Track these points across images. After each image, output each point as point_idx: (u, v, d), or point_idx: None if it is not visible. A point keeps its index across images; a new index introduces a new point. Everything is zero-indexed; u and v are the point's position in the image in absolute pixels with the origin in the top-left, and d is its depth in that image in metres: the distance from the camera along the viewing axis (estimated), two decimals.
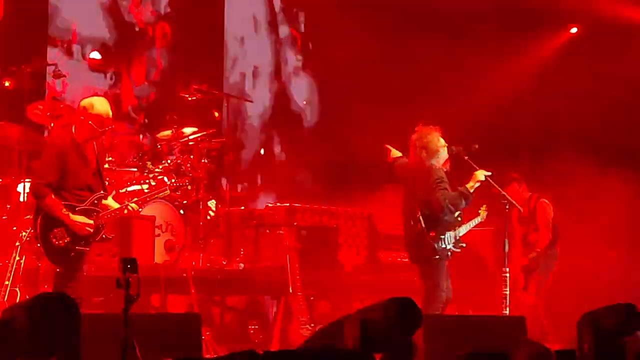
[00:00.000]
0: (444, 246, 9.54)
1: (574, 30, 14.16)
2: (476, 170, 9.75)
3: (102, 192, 8.58)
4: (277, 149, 15.26)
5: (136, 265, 6.03)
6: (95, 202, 8.49)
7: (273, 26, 15.28)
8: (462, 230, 9.70)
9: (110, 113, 8.54)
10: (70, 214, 8.34)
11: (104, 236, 8.56)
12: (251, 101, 14.31)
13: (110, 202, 8.74)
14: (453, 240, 9.59)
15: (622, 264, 12.12)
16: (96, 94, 10.84)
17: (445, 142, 9.76)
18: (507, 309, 9.74)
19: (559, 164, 12.57)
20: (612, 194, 12.37)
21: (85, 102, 8.59)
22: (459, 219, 9.73)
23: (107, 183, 8.96)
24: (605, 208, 12.35)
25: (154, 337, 6.75)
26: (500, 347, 6.65)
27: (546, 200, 11.59)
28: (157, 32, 14.18)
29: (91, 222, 8.39)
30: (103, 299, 10.13)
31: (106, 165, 10.68)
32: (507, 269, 9.83)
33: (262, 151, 15.07)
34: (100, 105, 8.50)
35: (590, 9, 13.40)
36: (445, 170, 9.71)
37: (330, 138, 14.01)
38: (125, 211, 8.74)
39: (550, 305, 11.44)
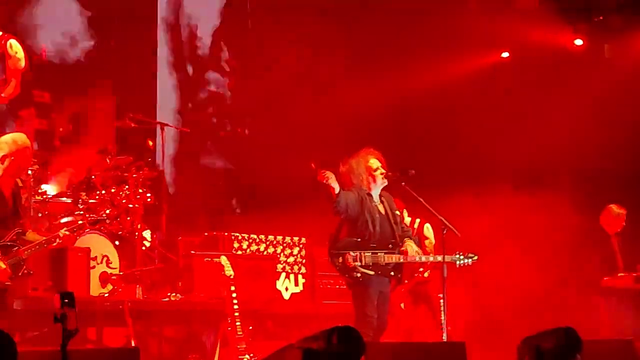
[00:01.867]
0: (355, 265, 9.49)
1: (505, 54, 14.31)
2: (417, 198, 9.80)
3: (19, 229, 8.43)
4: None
5: (74, 299, 5.91)
6: (15, 237, 8.34)
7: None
8: (393, 258, 9.65)
9: (31, 149, 8.52)
10: None
11: (25, 271, 8.39)
12: (187, 130, 14.20)
13: (30, 236, 8.57)
14: (369, 262, 9.54)
15: (556, 286, 12.21)
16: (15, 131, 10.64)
17: (383, 167, 9.76)
18: (445, 335, 9.74)
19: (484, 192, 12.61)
20: (537, 216, 12.51)
21: (5, 138, 8.48)
22: (390, 246, 9.70)
23: (37, 213, 8.80)
24: (536, 231, 12.49)
25: None
26: None
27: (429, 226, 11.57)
28: None
29: (3, 266, 8.21)
30: (38, 333, 9.93)
31: (38, 198, 10.53)
32: (443, 295, 9.83)
33: None
34: (22, 142, 8.43)
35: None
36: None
37: (265, 166, 13.93)
38: (58, 240, 8.57)
39: (488, 329, 11.48)
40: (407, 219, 10.89)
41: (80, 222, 8.97)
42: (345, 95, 13.37)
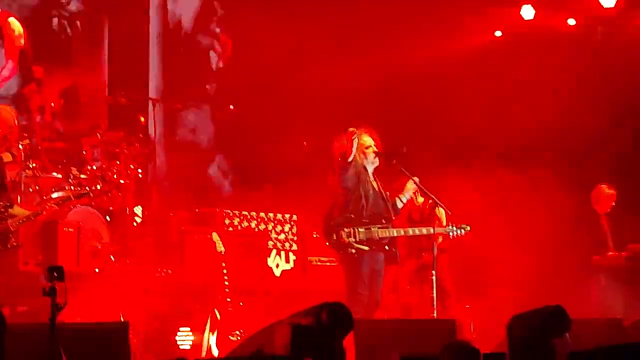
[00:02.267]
0: (350, 241, 9.51)
1: (498, 33, 14.27)
2: (406, 177, 9.80)
3: (6, 202, 8.45)
4: None
5: (63, 273, 5.93)
6: (2, 210, 8.37)
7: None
8: (386, 232, 9.68)
9: (16, 122, 8.51)
10: None
11: (14, 243, 8.41)
12: (179, 107, 14.15)
13: (17, 210, 8.60)
14: (364, 238, 9.56)
15: (545, 265, 12.24)
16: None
17: (376, 145, 9.78)
18: (435, 312, 9.77)
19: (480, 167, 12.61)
20: (528, 195, 12.55)
21: None
22: (383, 221, 9.73)
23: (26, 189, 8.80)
24: (528, 210, 12.52)
25: (82, 347, 6.63)
26: (431, 350, 6.67)
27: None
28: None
29: None
30: (27, 308, 9.94)
31: (29, 172, 10.51)
32: (434, 272, 9.86)
33: None
34: (7, 114, 8.46)
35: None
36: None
37: (257, 143, 13.91)
38: (44, 212, 8.61)
39: (479, 308, 11.51)
40: (420, 200, 10.86)
41: (64, 195, 8.99)
42: (336, 72, 13.34)
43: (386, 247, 9.71)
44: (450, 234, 9.95)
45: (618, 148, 13.03)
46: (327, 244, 9.76)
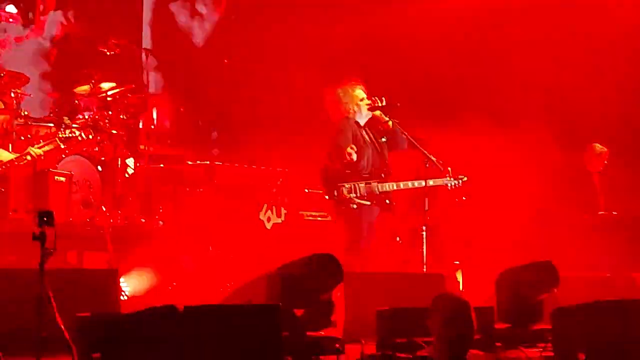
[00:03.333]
0: (351, 197, 9.53)
1: None
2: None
3: None
4: None
5: (53, 218, 5.91)
6: None
7: None
8: (386, 186, 9.70)
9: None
10: None
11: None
12: (172, 58, 14.05)
13: (2, 155, 8.57)
14: (364, 192, 9.57)
15: (537, 223, 12.26)
16: None
17: (369, 98, 9.76)
18: (425, 266, 9.81)
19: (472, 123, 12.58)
20: (519, 153, 12.57)
21: None
22: (382, 175, 9.76)
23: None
24: (520, 168, 12.54)
25: (71, 293, 6.63)
26: (420, 303, 6.69)
27: None
28: None
29: None
30: (16, 257, 9.94)
31: (20, 121, 10.46)
32: (425, 227, 9.89)
33: None
34: None
35: None
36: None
37: (248, 97, 13.86)
38: (28, 157, 8.59)
39: (468, 264, 11.55)
40: None
41: (49, 141, 8.96)
42: (325, 26, 13.30)
43: (387, 201, 9.74)
44: (449, 184, 9.98)
45: (611, 107, 13.01)
46: (327, 198, 9.77)
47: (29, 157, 8.63)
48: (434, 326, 6.11)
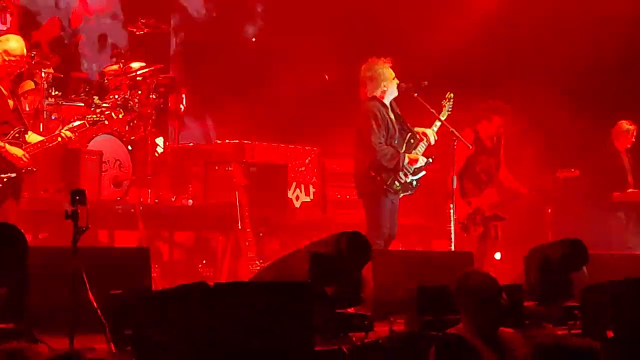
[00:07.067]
0: (389, 183, 9.55)
1: None
2: (429, 109, 9.79)
3: (21, 127, 8.53)
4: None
5: (85, 196, 5.98)
6: (17, 135, 8.46)
7: None
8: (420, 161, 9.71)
9: (25, 51, 8.57)
10: (7, 145, 8.29)
11: (29, 168, 8.50)
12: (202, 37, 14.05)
13: (32, 137, 8.67)
14: (398, 178, 9.59)
15: (565, 201, 12.23)
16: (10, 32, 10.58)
17: (397, 77, 9.73)
18: (453, 244, 9.82)
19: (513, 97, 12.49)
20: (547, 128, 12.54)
21: None
22: (412, 141, 9.77)
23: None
24: (547, 146, 12.51)
25: (103, 271, 6.70)
26: (447, 281, 6.70)
27: None
28: None
29: (24, 152, 8.36)
30: (48, 235, 10.05)
31: (51, 100, 10.54)
32: (453, 205, 9.89)
33: None
34: (16, 42, 8.51)
35: None
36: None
37: (277, 76, 13.85)
38: (59, 139, 8.69)
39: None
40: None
41: (79, 122, 9.02)
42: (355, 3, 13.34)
43: (415, 184, 9.77)
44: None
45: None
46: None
47: (59, 139, 8.70)
48: (463, 304, 6.13)
